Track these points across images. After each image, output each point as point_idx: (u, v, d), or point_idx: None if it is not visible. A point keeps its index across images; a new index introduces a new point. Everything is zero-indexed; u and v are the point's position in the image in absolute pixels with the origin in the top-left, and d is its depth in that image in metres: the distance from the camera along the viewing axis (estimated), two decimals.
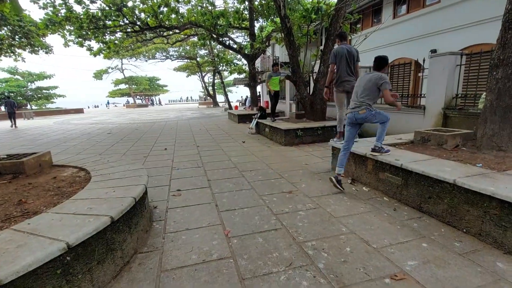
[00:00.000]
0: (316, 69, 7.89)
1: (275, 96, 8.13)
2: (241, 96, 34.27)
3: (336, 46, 4.54)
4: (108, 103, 49.96)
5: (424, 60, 5.70)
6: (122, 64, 38.51)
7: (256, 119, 8.69)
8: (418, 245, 2.20)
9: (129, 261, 2.05)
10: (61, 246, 1.48)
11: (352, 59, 4.29)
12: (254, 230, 2.50)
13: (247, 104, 20.04)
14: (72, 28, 11.21)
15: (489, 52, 4.79)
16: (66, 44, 12.03)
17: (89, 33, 11.76)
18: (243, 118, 12.17)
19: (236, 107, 22.61)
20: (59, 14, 10.01)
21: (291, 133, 6.47)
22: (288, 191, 3.46)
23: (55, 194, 2.36)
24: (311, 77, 8.29)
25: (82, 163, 3.34)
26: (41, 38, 12.62)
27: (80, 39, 11.95)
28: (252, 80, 14.34)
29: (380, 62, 3.31)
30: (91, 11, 10.24)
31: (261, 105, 11.55)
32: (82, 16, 10.25)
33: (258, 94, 17.46)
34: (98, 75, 36.64)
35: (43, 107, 30.99)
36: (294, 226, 2.54)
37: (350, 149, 3.46)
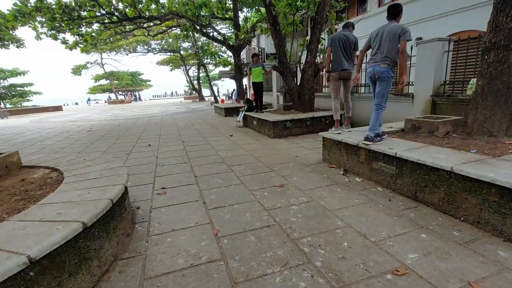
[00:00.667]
0: (303, 59, 7.73)
1: (259, 88, 7.97)
2: (227, 90, 33.77)
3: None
4: (88, 100, 48.07)
5: (411, 48, 5.64)
6: (102, 58, 37.01)
7: (244, 112, 8.48)
8: (417, 236, 2.11)
9: (108, 269, 1.85)
10: (21, 260, 1.26)
11: (349, 45, 4.13)
12: (245, 228, 2.34)
13: (233, 97, 19.72)
14: (44, 19, 10.49)
15: (476, 38, 4.77)
16: (38, 37, 11.28)
17: (63, 25, 11.07)
18: (230, 111, 11.92)
19: (223, 101, 22.23)
20: (29, 4, 9.31)
21: (279, 125, 6.32)
22: (279, 184, 3.31)
23: (21, 198, 2.11)
24: (298, 68, 8.13)
25: (55, 163, 3.06)
26: (11, 32, 11.77)
27: (53, 32, 11.23)
28: (238, 73, 14.04)
29: (396, 9, 3.22)
30: (63, 0, 9.58)
31: (248, 97, 11.33)
32: (54, 6, 9.59)
33: (244, 86, 17.18)
34: (77, 70, 35.06)
35: (19, 106, 29.45)
36: (287, 222, 2.40)
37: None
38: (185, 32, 12.38)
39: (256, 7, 14.08)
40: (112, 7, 10.69)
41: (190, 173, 3.97)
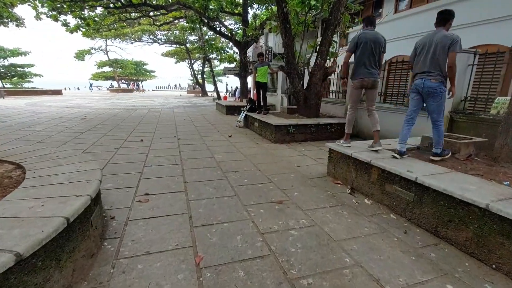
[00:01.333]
0: (312, 62, 7.33)
1: (263, 88, 7.57)
2: (231, 87, 33.30)
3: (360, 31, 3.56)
4: (91, 85, 47.48)
5: None
6: (106, 45, 36.52)
7: (245, 112, 8.09)
8: (441, 287, 1.72)
9: None
10: None
11: (378, 48, 3.38)
12: (234, 257, 1.95)
13: (236, 95, 19.31)
14: None
15: (503, 53, 4.38)
16: (38, 17, 10.86)
17: (64, 6, 10.66)
18: (232, 110, 11.52)
19: (225, 98, 21.81)
20: None
21: (282, 129, 5.93)
22: (278, 200, 2.92)
23: None
24: (306, 70, 7.73)
25: (23, 158, 2.66)
26: (10, 9, 11.36)
27: (54, 13, 10.82)
28: (243, 70, 13.62)
29: (446, 16, 2.89)
30: None
31: (251, 96, 10.93)
32: None
33: (249, 85, 16.77)
34: (80, 55, 34.59)
35: (19, 86, 28.99)
36: (285, 253, 2.01)
37: (415, 121, 3.14)
38: (191, 25, 11.95)
39: (267, 5, 13.69)
40: None
41: (180, 177, 3.58)
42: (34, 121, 8.45)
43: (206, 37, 22.76)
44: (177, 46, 28.83)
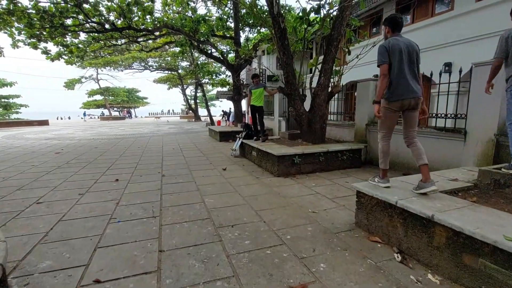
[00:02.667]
0: (313, 82, 6.59)
1: (259, 113, 6.71)
2: (222, 110, 32.74)
3: (383, 40, 2.79)
4: (84, 114, 46.33)
5: (440, 74, 4.54)
6: (97, 74, 36.18)
7: (241, 139, 7.18)
8: None
9: None
10: None
11: (415, 57, 2.57)
12: None
13: (230, 119, 18.57)
14: (21, 26, 9.38)
15: None
16: (15, 45, 10.11)
17: (44, 33, 9.98)
18: (226, 136, 10.64)
19: (219, 122, 21.05)
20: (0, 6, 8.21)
21: (286, 160, 4.99)
22: (300, 285, 1.91)
23: None
24: (308, 91, 6.98)
25: None
26: None
27: (33, 40, 10.11)
28: (236, 93, 12.93)
29: None
30: (41, 4, 8.50)
31: (247, 121, 10.10)
32: (30, 11, 8.50)
33: (243, 110, 16.10)
34: (70, 84, 34.02)
35: (6, 118, 27.91)
36: None
37: None
38: (181, 48, 11.37)
39: (258, 28, 13.34)
40: (102, 17, 9.64)
41: (155, 242, 2.54)
42: (0, 158, 7.37)
43: (199, 61, 22.41)
44: (169, 72, 28.52)
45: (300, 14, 6.04)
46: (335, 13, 5.76)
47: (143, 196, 3.90)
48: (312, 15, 5.86)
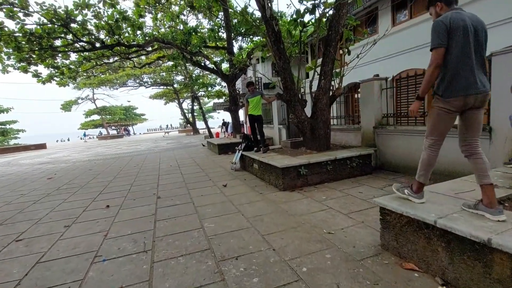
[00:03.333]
0: (310, 86, 6.24)
1: (258, 122, 6.29)
2: (223, 119, 32.47)
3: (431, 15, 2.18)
4: (84, 135, 45.88)
5: None
6: (94, 94, 36.13)
7: (241, 151, 6.78)
8: None
9: None
10: None
11: (484, 38, 1.93)
12: None
13: (229, 130, 18.23)
14: (10, 50, 9.12)
15: None
16: (5, 70, 9.86)
17: (33, 56, 9.72)
18: (225, 148, 10.25)
19: (218, 134, 20.71)
20: None
21: (291, 172, 4.58)
22: None
23: None
24: (308, 96, 6.63)
25: None
26: None
27: (23, 64, 9.84)
28: (233, 104, 12.61)
29: None
30: (27, 27, 8.26)
31: (246, 132, 9.71)
32: (17, 34, 8.25)
33: (241, 120, 15.77)
34: (67, 106, 33.90)
35: (5, 144, 27.63)
36: None
37: None
38: (174, 62, 11.12)
39: (251, 36, 13.15)
40: (88, 34, 9.39)
41: (143, 286, 2.11)
42: None
43: (194, 74, 22.24)
44: (165, 87, 28.41)
45: (294, 16, 5.74)
46: (331, 12, 5.46)
47: (134, 225, 3.47)
48: (307, 16, 5.55)
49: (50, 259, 2.69)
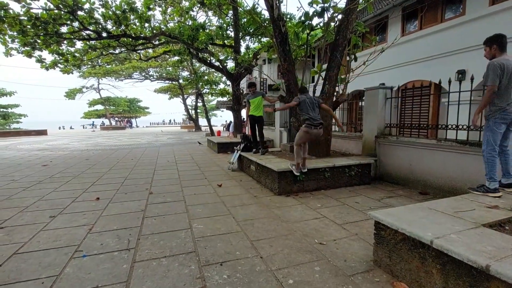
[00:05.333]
0: (313, 90, 6.13)
1: (258, 123, 6.16)
2: (226, 120, 32.45)
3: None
4: (93, 124, 45.23)
5: (450, 82, 4.07)
6: (99, 83, 36.16)
7: (239, 152, 6.67)
8: None
9: None
10: None
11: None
12: None
13: (230, 129, 18.13)
14: (15, 33, 9.08)
15: None
16: (8, 53, 9.81)
17: (38, 40, 9.68)
18: (224, 147, 10.14)
19: (219, 133, 20.61)
20: None
21: (287, 177, 4.46)
22: None
23: None
24: None
25: None
26: None
27: (27, 48, 9.80)
28: (236, 103, 12.52)
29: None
30: (33, 11, 8.20)
31: (246, 132, 9.60)
32: (22, 18, 8.19)
33: (243, 119, 15.68)
34: (71, 94, 33.93)
35: (6, 128, 27.65)
36: None
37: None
38: (179, 57, 11.05)
39: (259, 37, 13.05)
40: (95, 23, 9.33)
41: (120, 287, 2.01)
42: None
43: (200, 71, 22.16)
44: (170, 82, 28.37)
45: (303, 18, 5.63)
46: (339, 16, 5.36)
47: (122, 220, 3.37)
48: (315, 19, 5.44)
49: (28, 251, 2.59)
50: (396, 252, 2.09)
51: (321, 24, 5.80)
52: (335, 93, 5.49)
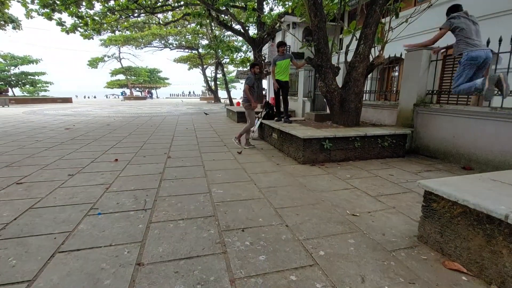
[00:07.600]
0: (346, 52, 5.51)
1: (283, 89, 5.73)
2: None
3: None
4: (122, 94, 45.66)
5: (500, 41, 3.36)
6: (120, 52, 36.20)
7: (260, 119, 6.34)
8: None
9: None
10: None
11: None
12: None
13: None
14: None
15: None
16: (28, 15, 9.72)
17: (57, 1, 9.45)
18: (244, 117, 9.80)
19: (238, 104, 20.23)
20: None
21: (313, 145, 4.12)
22: None
23: None
24: (342, 66, 5.94)
25: None
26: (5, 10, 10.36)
27: (46, 10, 9.63)
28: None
29: None
30: None
31: (268, 100, 9.17)
32: None
33: (264, 90, 15.11)
34: (93, 63, 34.32)
35: (35, 95, 28.79)
36: None
37: None
38: (198, 19, 10.49)
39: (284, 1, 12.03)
40: None
41: (135, 248, 1.84)
42: (8, 132, 7.08)
43: (220, 37, 21.35)
44: (189, 51, 27.76)
45: None
46: None
47: (139, 181, 3.23)
48: None
49: (44, 206, 2.50)
50: (450, 228, 1.75)
51: None
52: (370, 55, 4.88)
